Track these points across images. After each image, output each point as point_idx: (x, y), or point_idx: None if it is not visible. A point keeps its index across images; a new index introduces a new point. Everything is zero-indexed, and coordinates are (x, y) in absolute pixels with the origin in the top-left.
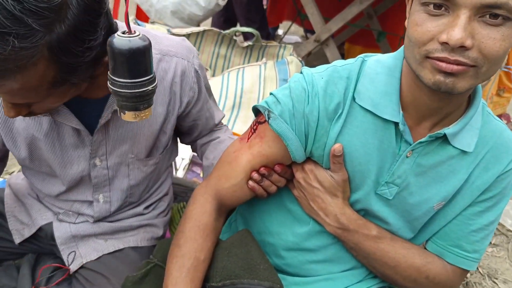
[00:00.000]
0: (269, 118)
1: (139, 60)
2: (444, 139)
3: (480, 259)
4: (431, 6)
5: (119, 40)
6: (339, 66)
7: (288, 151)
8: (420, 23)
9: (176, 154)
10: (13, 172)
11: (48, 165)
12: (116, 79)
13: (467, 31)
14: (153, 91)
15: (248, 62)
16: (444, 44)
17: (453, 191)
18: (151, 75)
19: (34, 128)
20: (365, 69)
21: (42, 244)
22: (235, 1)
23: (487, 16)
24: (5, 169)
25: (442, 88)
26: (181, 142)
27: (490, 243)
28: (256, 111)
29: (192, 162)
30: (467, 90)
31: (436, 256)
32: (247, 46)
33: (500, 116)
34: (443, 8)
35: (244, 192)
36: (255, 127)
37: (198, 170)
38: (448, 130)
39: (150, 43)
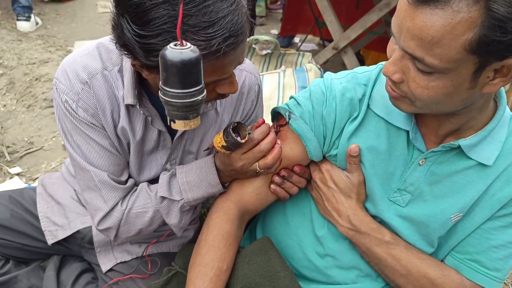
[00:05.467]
0: (289, 119)
1: (190, 71)
2: (461, 150)
3: (503, 279)
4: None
5: (171, 52)
6: (359, 73)
7: (307, 152)
8: (388, 46)
9: None
10: (36, 178)
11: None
12: (168, 89)
13: (397, 66)
14: (202, 101)
15: (267, 70)
16: None
17: (471, 202)
18: (201, 86)
19: (131, 133)
20: (382, 77)
21: (71, 246)
22: None
23: (416, 60)
24: (29, 175)
25: (394, 106)
26: None
27: None
28: (275, 115)
29: None
30: (414, 112)
31: (453, 270)
32: (265, 54)
33: None
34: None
35: (267, 195)
36: (277, 129)
37: None
38: (464, 142)
39: (200, 55)
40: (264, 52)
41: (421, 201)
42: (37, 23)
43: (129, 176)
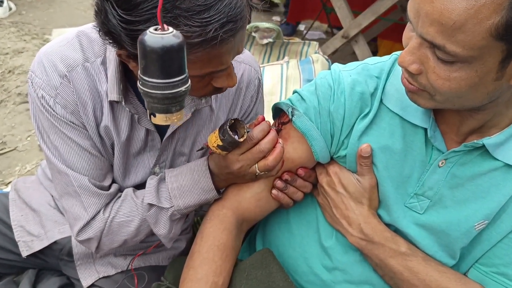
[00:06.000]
0: (292, 116)
1: (172, 58)
2: (485, 149)
3: None
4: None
5: (151, 37)
6: (371, 64)
7: (312, 153)
8: (404, 34)
9: None
10: (9, 182)
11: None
12: (147, 79)
13: (415, 55)
14: (185, 93)
15: (268, 61)
16: None
17: (497, 208)
18: (184, 75)
19: (115, 133)
20: (397, 69)
21: (48, 259)
22: None
23: (436, 49)
24: (1, 179)
25: (411, 100)
26: None
27: None
28: (276, 112)
29: None
30: (434, 107)
31: (477, 285)
32: (266, 44)
33: None
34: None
35: (268, 201)
36: (279, 127)
37: None
38: (488, 141)
39: (184, 41)
40: (265, 41)
41: (441, 207)
42: (10, 9)
43: (113, 181)
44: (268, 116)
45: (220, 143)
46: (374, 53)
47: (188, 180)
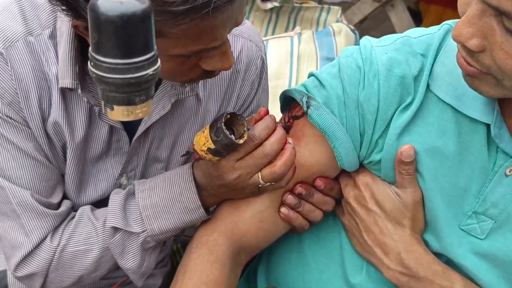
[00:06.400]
0: (308, 107)
1: (135, 31)
2: None
3: None
4: None
5: (106, 2)
6: (414, 37)
7: (335, 157)
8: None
9: None
10: None
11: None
12: (102, 59)
13: (475, 27)
14: (154, 77)
15: (273, 33)
16: None
17: None
18: (152, 54)
19: (68, 131)
20: (449, 43)
21: None
22: None
23: (504, 17)
24: None
25: (470, 87)
26: None
27: None
28: (286, 102)
29: None
30: (500, 96)
31: None
32: (271, 8)
33: None
34: None
35: (275, 223)
36: (288, 123)
37: None
38: None
39: (150, 7)
40: (270, 5)
41: (509, 230)
42: None
43: (64, 196)
44: (274, 109)
45: (212, 146)
46: (418, 22)
47: (166, 195)
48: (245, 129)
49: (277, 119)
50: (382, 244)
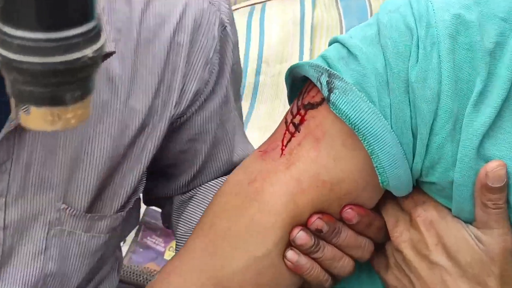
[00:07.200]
0: (330, 91)
1: None
2: None
3: None
4: None
5: None
6: None
7: (374, 171)
8: None
9: (137, 221)
10: None
11: None
12: (11, 32)
13: None
14: (95, 61)
15: None
16: None
17: None
18: (93, 25)
19: None
20: None
21: None
22: None
23: None
24: None
25: None
26: (145, 197)
27: None
28: (296, 85)
29: (144, 228)
30: None
31: None
32: None
33: None
34: None
35: (279, 278)
36: (299, 115)
37: (155, 243)
38: None
39: None
40: None
41: None
42: None
43: None
44: (277, 107)
45: None
46: None
47: None
48: None
49: (283, 115)
50: None
